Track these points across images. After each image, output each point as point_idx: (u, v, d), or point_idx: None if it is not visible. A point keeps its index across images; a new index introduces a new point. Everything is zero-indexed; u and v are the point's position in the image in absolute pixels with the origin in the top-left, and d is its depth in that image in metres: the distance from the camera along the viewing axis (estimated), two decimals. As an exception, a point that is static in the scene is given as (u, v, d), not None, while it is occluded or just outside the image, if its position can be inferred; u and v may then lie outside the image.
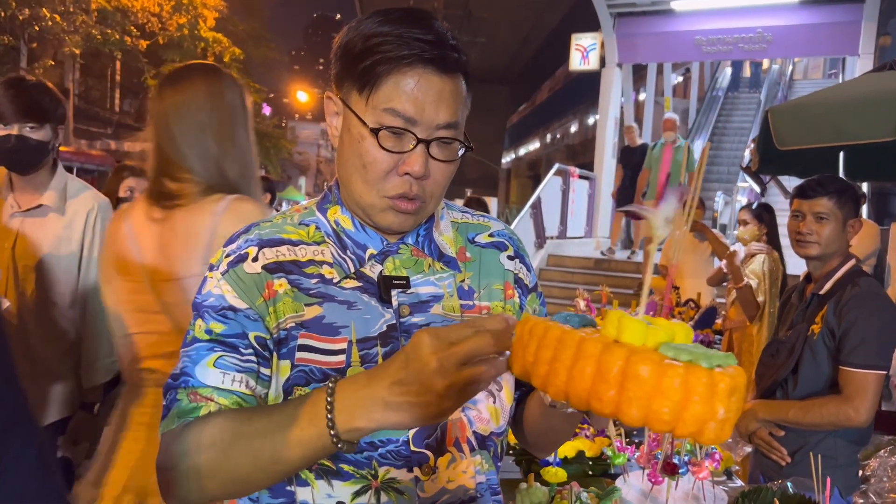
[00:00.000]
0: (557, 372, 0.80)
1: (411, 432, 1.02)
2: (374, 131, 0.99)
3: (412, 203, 1.02)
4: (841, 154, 4.51)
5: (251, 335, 1.00)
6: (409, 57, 0.97)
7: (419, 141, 0.99)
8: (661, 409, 0.72)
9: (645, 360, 0.74)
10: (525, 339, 0.89)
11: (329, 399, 0.84)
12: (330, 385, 0.85)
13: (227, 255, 1.05)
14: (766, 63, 21.66)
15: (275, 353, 1.01)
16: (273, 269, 1.03)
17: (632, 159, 9.80)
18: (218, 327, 1.00)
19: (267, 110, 31.70)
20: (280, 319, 1.01)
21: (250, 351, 1.00)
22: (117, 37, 19.02)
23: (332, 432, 0.83)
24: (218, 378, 0.97)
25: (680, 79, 21.68)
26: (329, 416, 0.83)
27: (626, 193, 9.75)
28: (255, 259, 1.04)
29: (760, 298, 4.25)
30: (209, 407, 0.96)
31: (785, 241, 3.37)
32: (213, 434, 0.92)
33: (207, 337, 1.00)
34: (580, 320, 0.93)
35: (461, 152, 1.05)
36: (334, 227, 1.09)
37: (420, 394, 0.79)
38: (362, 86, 1.01)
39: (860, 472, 2.40)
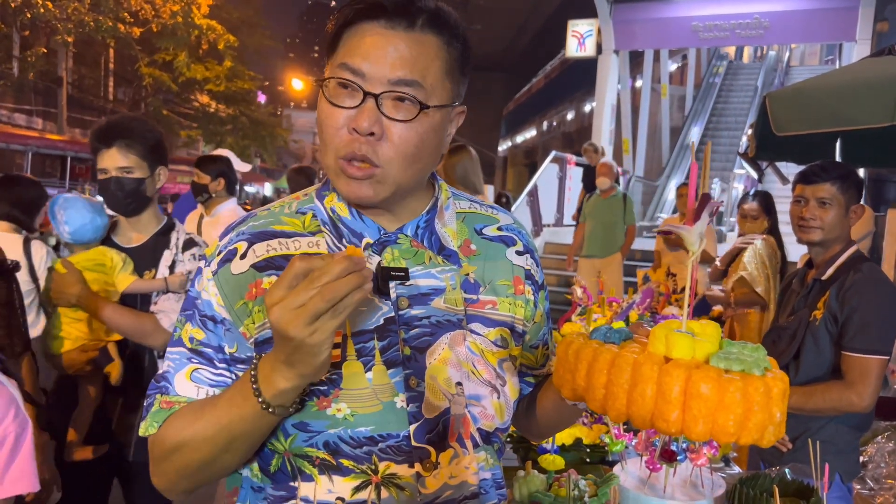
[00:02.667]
0: (616, 396, 0.82)
1: (412, 428, 0.99)
2: (322, 82, 0.98)
3: (360, 169, 0.97)
4: (838, 140, 4.49)
5: (226, 349, 1.02)
6: (363, 11, 0.96)
7: (366, 94, 0.95)
8: (726, 423, 0.75)
9: (705, 379, 0.76)
10: (571, 361, 0.89)
11: (253, 373, 0.92)
12: (255, 361, 0.93)
13: (220, 252, 1.04)
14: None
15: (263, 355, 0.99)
16: (263, 266, 1.01)
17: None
18: (199, 335, 1.03)
19: (262, 98, 31.52)
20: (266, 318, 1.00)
21: (224, 365, 1.02)
22: (110, 24, 18.86)
23: (259, 399, 0.90)
24: (192, 391, 1.02)
25: (677, 65, 21.63)
26: (255, 386, 0.91)
27: None
28: (244, 256, 1.02)
29: (759, 288, 4.23)
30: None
31: (785, 227, 3.35)
32: (176, 435, 0.98)
33: (190, 345, 1.03)
34: (621, 336, 0.92)
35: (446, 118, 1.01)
36: (330, 214, 1.06)
37: (298, 350, 0.84)
38: (328, 51, 1.01)
39: (860, 459, 2.40)
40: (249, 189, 30.67)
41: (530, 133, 40.52)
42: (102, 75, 25.78)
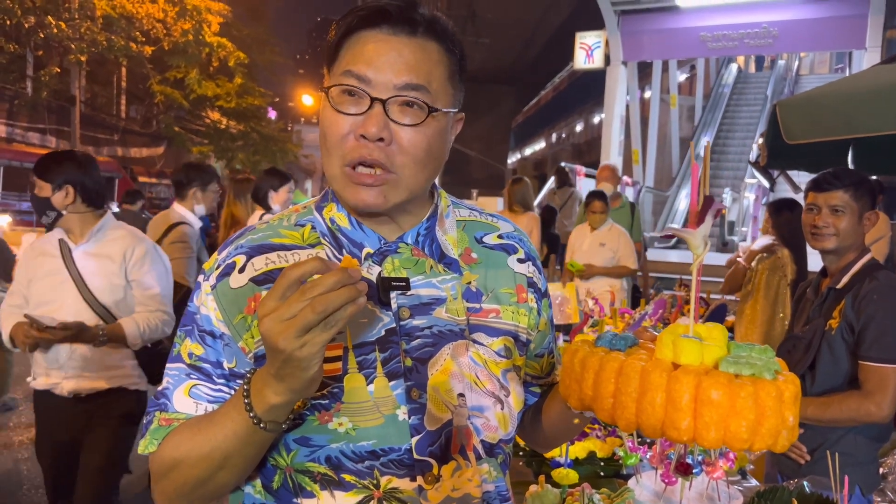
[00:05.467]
0: (625, 405, 0.80)
1: (414, 440, 0.98)
2: (326, 90, 0.98)
3: (371, 176, 0.96)
4: (850, 147, 4.47)
5: (225, 364, 1.01)
6: (364, 18, 0.96)
7: (373, 100, 0.95)
8: (739, 429, 0.74)
9: (715, 385, 0.75)
10: (577, 371, 0.88)
11: (246, 388, 0.90)
12: (248, 376, 0.91)
13: (218, 266, 1.04)
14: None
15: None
16: (262, 280, 1.01)
17: None
18: (198, 350, 1.02)
19: (272, 114, 31.75)
20: None
21: (222, 380, 1.01)
22: (122, 43, 19.11)
23: (251, 414, 0.89)
24: (191, 407, 1.01)
25: (685, 76, 21.62)
26: (246, 400, 0.89)
27: None
28: (243, 270, 1.02)
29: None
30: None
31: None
32: (173, 452, 0.97)
33: (189, 361, 1.02)
34: (626, 342, 0.90)
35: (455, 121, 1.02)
36: (329, 225, 1.05)
37: (287, 364, 0.82)
38: (329, 61, 1.00)
39: (880, 470, 2.36)
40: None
41: (539, 145, 40.56)
42: (115, 93, 26.08)
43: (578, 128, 32.43)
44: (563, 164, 12.76)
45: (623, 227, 6.24)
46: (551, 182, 8.83)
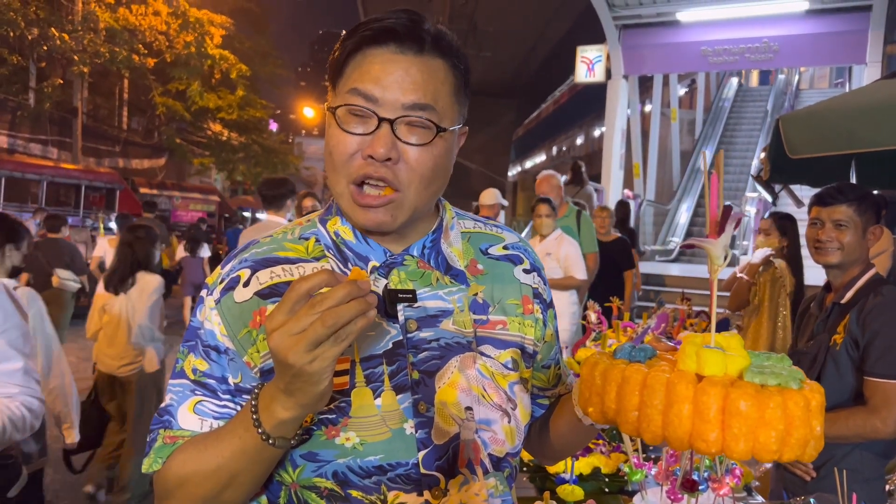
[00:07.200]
0: (650, 418, 0.79)
1: (421, 454, 0.97)
2: (333, 110, 0.97)
3: (377, 198, 0.95)
4: (853, 162, 4.46)
5: (230, 380, 1.00)
6: (371, 36, 0.95)
7: (381, 120, 0.94)
8: (768, 440, 0.73)
9: (743, 396, 0.74)
10: (598, 383, 0.87)
11: (254, 403, 0.89)
12: (255, 391, 0.90)
13: (222, 280, 1.03)
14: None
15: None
16: (267, 294, 1.00)
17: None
18: (203, 366, 1.00)
19: (273, 126, 31.87)
20: None
21: (228, 396, 1.00)
22: (125, 55, 19.20)
23: (259, 430, 0.87)
24: (196, 423, 1.00)
25: (686, 89, 21.71)
26: (255, 416, 0.88)
27: None
28: (247, 283, 1.01)
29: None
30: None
31: (805, 251, 3.32)
32: (179, 470, 0.96)
33: (193, 377, 1.01)
34: (646, 354, 0.89)
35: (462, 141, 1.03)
36: (334, 238, 1.04)
37: (297, 378, 0.81)
38: (334, 77, 1.00)
39: (886, 487, 2.34)
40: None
41: (540, 158, 40.70)
42: (117, 105, 26.15)
43: (579, 141, 32.55)
44: (564, 177, 12.79)
45: (571, 236, 5.60)
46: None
